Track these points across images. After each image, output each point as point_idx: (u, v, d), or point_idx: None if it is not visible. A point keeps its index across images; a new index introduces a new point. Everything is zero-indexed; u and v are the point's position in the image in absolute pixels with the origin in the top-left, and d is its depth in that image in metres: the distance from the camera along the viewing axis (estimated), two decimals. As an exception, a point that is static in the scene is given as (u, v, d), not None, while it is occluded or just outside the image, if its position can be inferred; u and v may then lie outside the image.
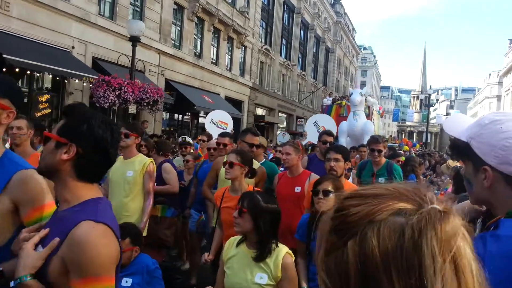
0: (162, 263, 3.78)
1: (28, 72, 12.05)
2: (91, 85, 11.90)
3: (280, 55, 33.80)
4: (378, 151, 5.20)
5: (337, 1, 51.32)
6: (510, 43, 61.28)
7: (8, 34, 11.29)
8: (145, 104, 12.52)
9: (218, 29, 23.43)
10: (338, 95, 28.65)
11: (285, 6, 34.10)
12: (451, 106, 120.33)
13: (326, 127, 11.20)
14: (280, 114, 35.16)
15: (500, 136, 1.18)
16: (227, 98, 24.67)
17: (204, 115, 16.39)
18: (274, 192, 4.22)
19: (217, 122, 9.35)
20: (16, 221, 1.74)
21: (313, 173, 4.13)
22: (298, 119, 37.18)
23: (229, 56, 25.60)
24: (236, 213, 2.53)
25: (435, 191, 4.50)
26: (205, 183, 4.62)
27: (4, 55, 9.92)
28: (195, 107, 18.88)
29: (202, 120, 17.82)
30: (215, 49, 23.85)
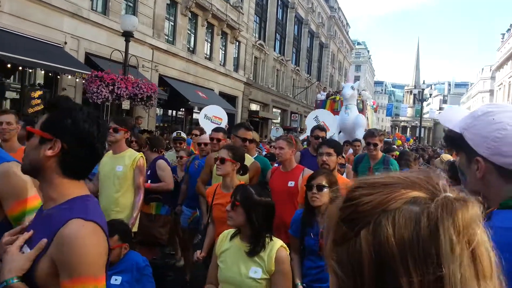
0: (153, 261, 3.71)
1: (20, 68, 11.95)
2: (84, 81, 11.81)
3: (274, 50, 33.71)
4: (374, 145, 5.19)
5: (331, -4, 51.26)
6: (503, 38, 61.54)
7: (-1, 30, 11.18)
8: (139, 100, 12.45)
9: (212, 24, 23.31)
10: (332, 90, 28.67)
11: (279, 1, 33.94)
12: (444, 101, 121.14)
13: (327, 123, 11.18)
14: (274, 110, 35.12)
15: (492, 127, 1.18)
16: (221, 94, 24.60)
17: (198, 111, 16.34)
18: (268, 185, 4.19)
19: (211, 117, 9.23)
20: (0, 214, 1.74)
21: (307, 168, 4.12)
22: (292, 115, 37.24)
23: (223, 52, 25.49)
24: (229, 207, 2.50)
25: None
26: (199, 179, 4.60)
27: (-4, 51, 9.82)
28: (189, 103, 18.79)
29: (196, 116, 17.78)
30: (209, 44, 23.73)
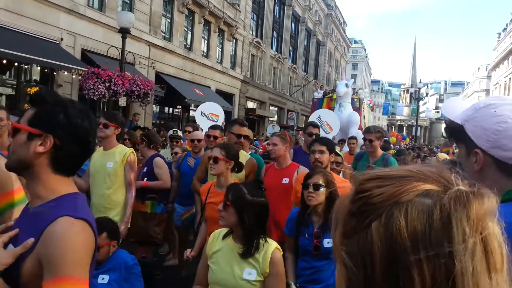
0: (141, 259, 3.66)
1: (16, 64, 11.90)
2: (81, 77, 11.77)
3: (271, 48, 33.68)
4: (369, 141, 5.25)
5: (328, -6, 51.23)
6: (499, 37, 61.73)
7: (-5, 25, 11.09)
8: (135, 97, 12.43)
9: (209, 21, 23.23)
10: (329, 88, 28.64)
11: (276, -1, 33.94)
12: (441, 100, 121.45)
13: (329, 123, 11.20)
14: (271, 108, 35.10)
15: (493, 120, 1.17)
16: (218, 91, 24.52)
17: (195, 108, 16.31)
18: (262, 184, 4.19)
19: (208, 115, 9.16)
20: None
21: (302, 166, 4.12)
22: (289, 113, 37.18)
23: (220, 49, 25.41)
24: (221, 206, 2.43)
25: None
26: (195, 177, 4.59)
27: (-9, 47, 9.76)
28: (186, 100, 18.77)
29: (193, 113, 17.74)
30: (206, 42, 23.66)
